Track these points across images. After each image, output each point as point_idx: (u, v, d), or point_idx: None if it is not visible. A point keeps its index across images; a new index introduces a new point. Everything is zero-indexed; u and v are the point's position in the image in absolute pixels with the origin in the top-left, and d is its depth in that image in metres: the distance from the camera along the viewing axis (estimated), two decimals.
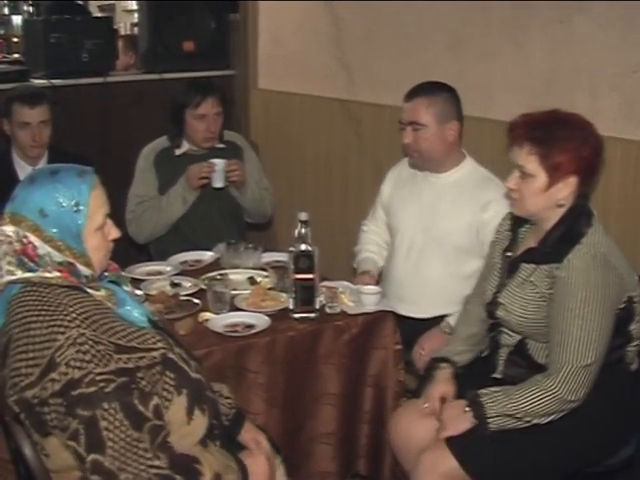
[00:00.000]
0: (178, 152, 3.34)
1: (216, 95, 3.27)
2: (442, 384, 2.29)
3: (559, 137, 2.09)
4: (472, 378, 2.28)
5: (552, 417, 2.08)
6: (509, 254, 2.29)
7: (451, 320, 2.69)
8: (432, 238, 2.81)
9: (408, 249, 2.88)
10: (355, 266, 3.06)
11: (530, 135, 2.11)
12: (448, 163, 2.82)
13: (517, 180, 2.15)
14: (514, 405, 2.06)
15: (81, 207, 1.66)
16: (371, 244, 3.09)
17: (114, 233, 1.76)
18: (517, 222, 2.31)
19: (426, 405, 2.27)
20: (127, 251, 3.25)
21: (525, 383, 2.11)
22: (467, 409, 2.11)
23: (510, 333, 2.27)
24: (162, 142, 3.38)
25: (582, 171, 2.11)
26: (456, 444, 2.10)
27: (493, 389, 2.13)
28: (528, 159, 2.11)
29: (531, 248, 2.22)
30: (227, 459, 1.78)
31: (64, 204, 1.65)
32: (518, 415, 2.06)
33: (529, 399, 2.06)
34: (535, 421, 2.08)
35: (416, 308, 2.84)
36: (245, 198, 3.33)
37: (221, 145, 3.38)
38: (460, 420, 2.12)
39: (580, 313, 2.04)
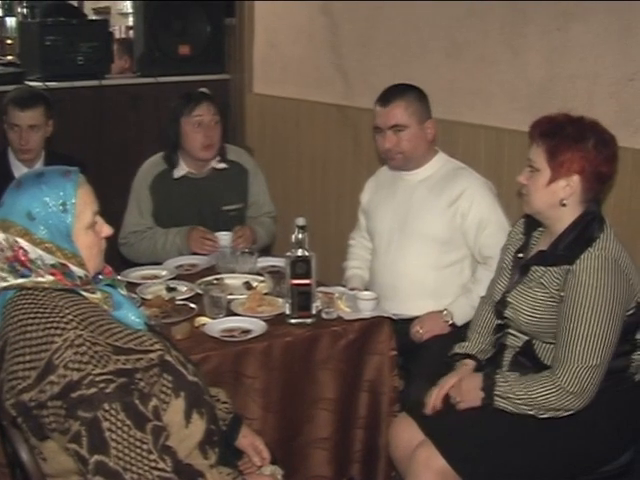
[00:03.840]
0: (176, 175, 3.21)
1: (211, 101, 3.19)
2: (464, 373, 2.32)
3: (569, 135, 2.12)
4: None
5: (551, 414, 2.10)
6: (521, 255, 2.31)
7: (453, 309, 2.73)
8: (409, 233, 2.86)
9: (386, 247, 2.93)
10: (344, 283, 3.06)
11: (543, 131, 2.15)
12: (423, 160, 2.90)
13: (527, 175, 2.20)
14: (522, 390, 2.09)
15: (68, 206, 1.65)
16: (356, 259, 3.14)
17: (106, 230, 1.75)
18: (531, 226, 2.33)
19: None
20: (121, 254, 3.25)
21: (539, 374, 2.13)
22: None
23: (517, 334, 2.29)
24: (159, 164, 3.24)
25: (586, 173, 2.13)
26: (446, 446, 2.11)
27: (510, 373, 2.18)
28: (536, 152, 2.16)
29: (542, 251, 2.23)
30: None
31: (50, 204, 1.64)
32: (519, 400, 2.09)
33: (537, 388, 2.08)
34: (532, 412, 2.10)
35: (399, 305, 2.83)
36: (257, 247, 3.24)
37: (223, 165, 3.26)
38: (472, 394, 2.16)
39: (589, 313, 2.06)
